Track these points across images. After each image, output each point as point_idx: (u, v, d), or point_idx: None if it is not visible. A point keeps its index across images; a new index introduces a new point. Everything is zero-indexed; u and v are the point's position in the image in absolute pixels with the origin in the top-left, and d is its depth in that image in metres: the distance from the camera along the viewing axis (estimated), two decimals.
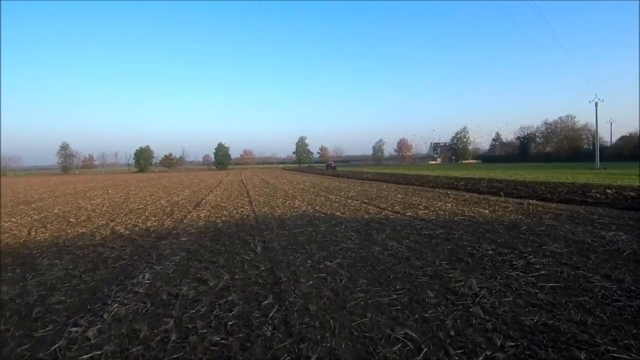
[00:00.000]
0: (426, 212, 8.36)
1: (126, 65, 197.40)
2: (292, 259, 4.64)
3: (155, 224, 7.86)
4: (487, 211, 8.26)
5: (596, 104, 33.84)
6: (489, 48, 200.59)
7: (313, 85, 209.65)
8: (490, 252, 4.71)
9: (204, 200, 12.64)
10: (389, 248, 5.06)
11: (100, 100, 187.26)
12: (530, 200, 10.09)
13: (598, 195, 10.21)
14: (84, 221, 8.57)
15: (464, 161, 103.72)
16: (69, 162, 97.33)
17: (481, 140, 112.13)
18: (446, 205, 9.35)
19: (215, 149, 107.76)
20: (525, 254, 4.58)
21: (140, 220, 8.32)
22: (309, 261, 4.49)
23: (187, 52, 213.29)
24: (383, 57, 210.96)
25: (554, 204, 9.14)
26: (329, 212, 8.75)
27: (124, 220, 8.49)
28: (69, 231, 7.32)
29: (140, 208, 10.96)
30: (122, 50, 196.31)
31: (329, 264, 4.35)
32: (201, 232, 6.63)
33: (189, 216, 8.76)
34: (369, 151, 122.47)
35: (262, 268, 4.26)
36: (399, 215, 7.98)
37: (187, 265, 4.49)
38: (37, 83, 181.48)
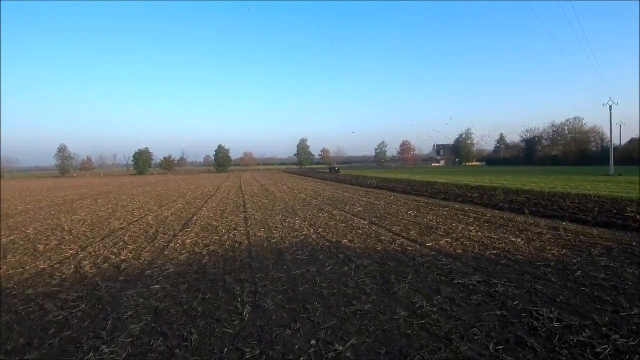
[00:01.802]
0: (449, 240, 7.14)
1: (127, 66, 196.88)
2: (290, 334, 3.44)
3: (130, 255, 6.69)
4: (520, 240, 7.05)
5: (610, 106, 32.25)
6: (490, 48, 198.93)
7: (314, 85, 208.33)
8: (555, 323, 3.50)
9: (194, 217, 11.47)
10: (418, 311, 3.86)
11: (100, 101, 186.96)
12: (564, 223, 8.87)
13: (638, 217, 9.00)
14: (52, 249, 7.43)
15: (467, 163, 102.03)
16: (66, 164, 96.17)
17: (484, 140, 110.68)
18: (469, 230, 8.13)
19: (216, 150, 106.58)
20: (604, 328, 3.39)
21: (115, 250, 7.16)
22: (312, 341, 3.30)
23: (188, 52, 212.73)
24: (386, 57, 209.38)
25: (595, 230, 7.91)
26: (334, 240, 7.56)
27: (96, 249, 7.32)
28: (28, 267, 6.17)
29: (122, 228, 9.80)
30: (122, 52, 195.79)
31: (340, 348, 3.15)
32: (179, 274, 5.45)
33: (172, 243, 7.58)
34: (370, 152, 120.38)
35: (248, 356, 3.07)
36: (417, 246, 6.78)
37: (147, 345, 3.31)
38: (36, 84, 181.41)
